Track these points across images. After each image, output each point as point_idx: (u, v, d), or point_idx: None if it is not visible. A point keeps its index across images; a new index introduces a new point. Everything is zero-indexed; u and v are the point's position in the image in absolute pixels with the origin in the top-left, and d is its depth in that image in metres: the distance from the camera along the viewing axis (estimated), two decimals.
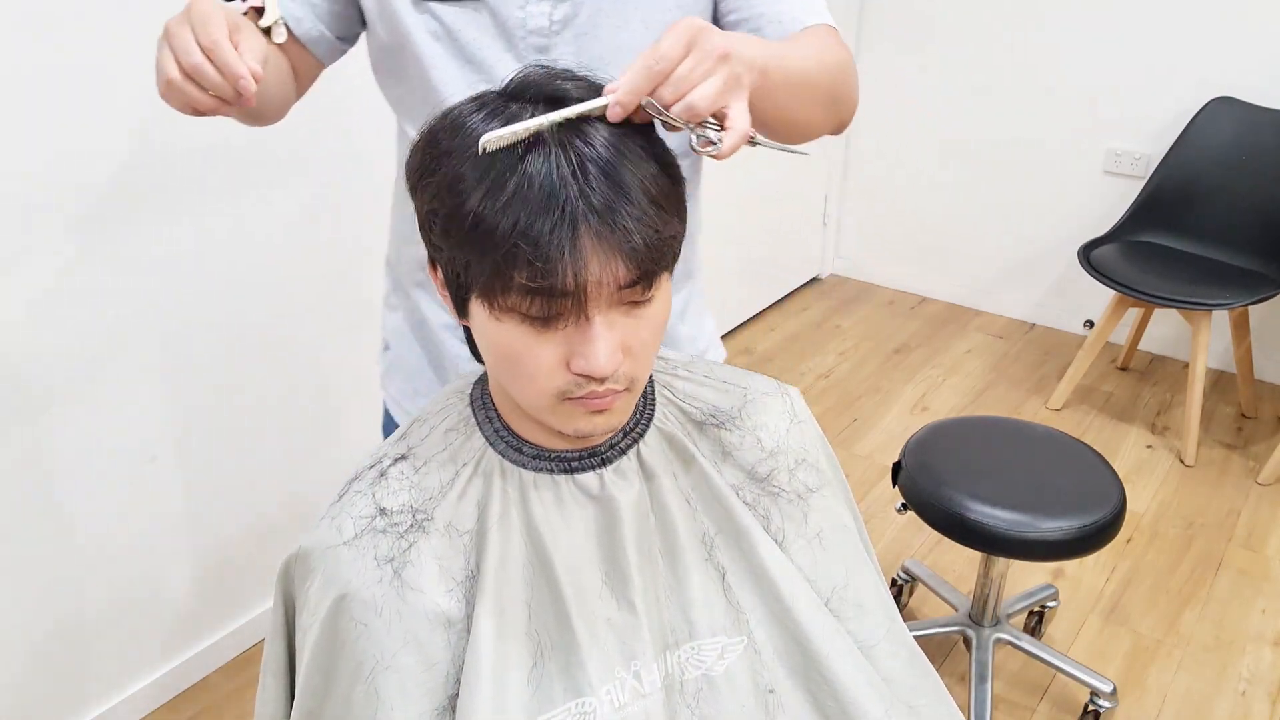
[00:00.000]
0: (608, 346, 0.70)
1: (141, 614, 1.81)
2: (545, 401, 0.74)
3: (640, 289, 0.70)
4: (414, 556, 0.79)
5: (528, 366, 0.72)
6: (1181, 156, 2.84)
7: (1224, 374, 3.10)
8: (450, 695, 0.77)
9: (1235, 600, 2.19)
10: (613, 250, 0.67)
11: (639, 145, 0.70)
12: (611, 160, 0.67)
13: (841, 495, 0.94)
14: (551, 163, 0.66)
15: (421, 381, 1.15)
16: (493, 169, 0.67)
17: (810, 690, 0.83)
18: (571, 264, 0.65)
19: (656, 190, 0.69)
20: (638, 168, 0.68)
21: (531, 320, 0.69)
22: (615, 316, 0.71)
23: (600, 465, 0.83)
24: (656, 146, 0.72)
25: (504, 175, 0.66)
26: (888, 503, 2.49)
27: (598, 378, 0.71)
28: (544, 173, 0.66)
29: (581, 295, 0.67)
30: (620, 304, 0.71)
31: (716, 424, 0.88)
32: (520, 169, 0.66)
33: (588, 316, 0.69)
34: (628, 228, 0.66)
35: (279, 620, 0.87)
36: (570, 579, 0.79)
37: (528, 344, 0.71)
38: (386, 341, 1.19)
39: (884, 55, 3.41)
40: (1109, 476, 1.76)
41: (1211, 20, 2.84)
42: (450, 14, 0.94)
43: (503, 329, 0.71)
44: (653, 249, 0.68)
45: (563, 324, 0.69)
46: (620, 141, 0.69)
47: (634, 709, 0.78)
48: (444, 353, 1.10)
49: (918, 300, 3.61)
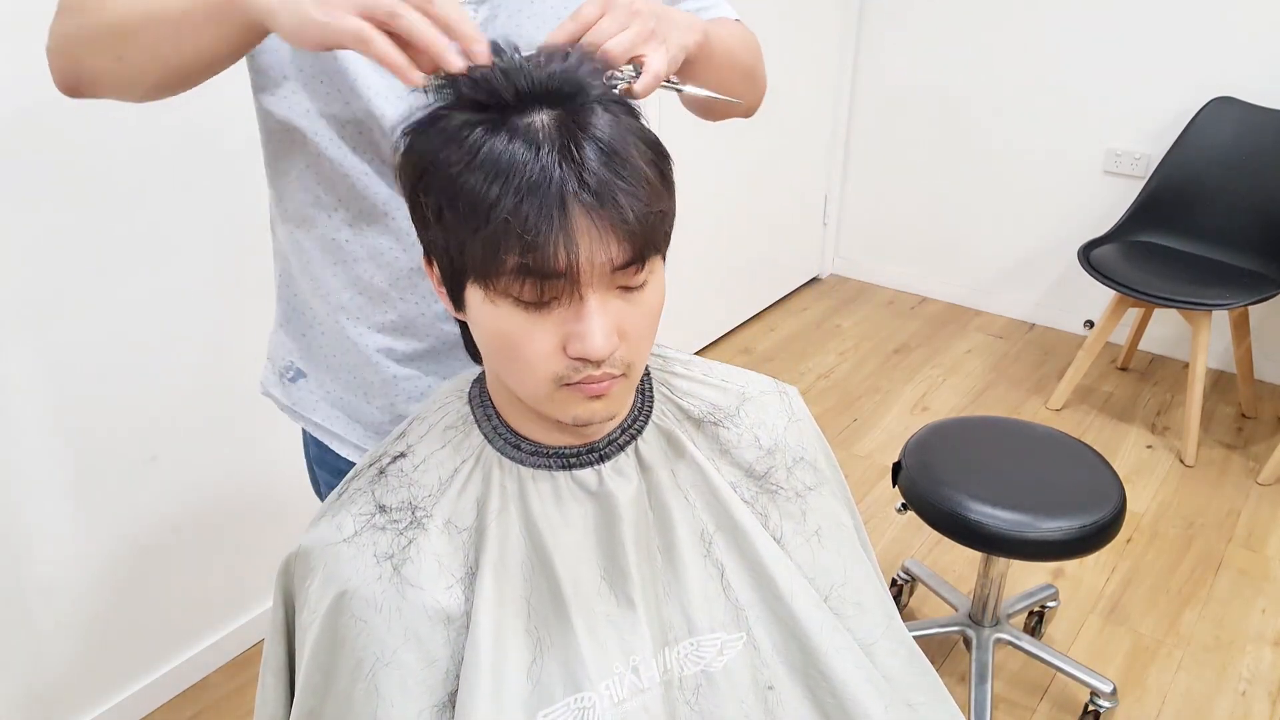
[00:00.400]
0: (603, 327, 0.70)
1: (141, 613, 1.81)
2: (543, 389, 0.74)
3: (633, 270, 0.70)
4: (413, 553, 0.79)
5: (524, 352, 0.72)
6: (1181, 156, 2.84)
7: (1224, 374, 3.10)
8: (450, 691, 0.78)
9: (1235, 600, 2.19)
10: (605, 227, 0.67)
11: (627, 122, 0.70)
12: (601, 137, 0.68)
13: (840, 494, 0.94)
14: (542, 140, 0.66)
15: (354, 406, 1.06)
16: (484, 150, 0.67)
17: (809, 686, 0.83)
18: (563, 241, 0.66)
19: (646, 166, 0.69)
20: (627, 144, 0.69)
21: (525, 304, 0.70)
22: (609, 299, 0.71)
23: (599, 461, 0.83)
24: (638, 122, 0.73)
25: (496, 155, 0.66)
26: (888, 503, 2.49)
27: (594, 360, 0.71)
28: (535, 151, 0.66)
29: (574, 273, 0.67)
30: (614, 287, 0.71)
31: (714, 422, 0.89)
32: (510, 148, 0.66)
33: (581, 296, 0.69)
34: (619, 203, 0.67)
35: (279, 619, 0.87)
36: (569, 575, 0.79)
37: (524, 329, 0.71)
38: (295, 367, 1.07)
39: (884, 55, 3.41)
40: (1109, 476, 1.76)
41: (1211, 20, 2.84)
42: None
43: (498, 313, 0.71)
44: (644, 225, 0.68)
45: (557, 305, 0.70)
46: (610, 118, 0.69)
47: (633, 704, 0.78)
48: (377, 375, 1.03)
49: (918, 300, 3.61)
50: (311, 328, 1.04)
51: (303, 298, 1.04)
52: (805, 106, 3.32)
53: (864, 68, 3.46)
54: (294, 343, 1.07)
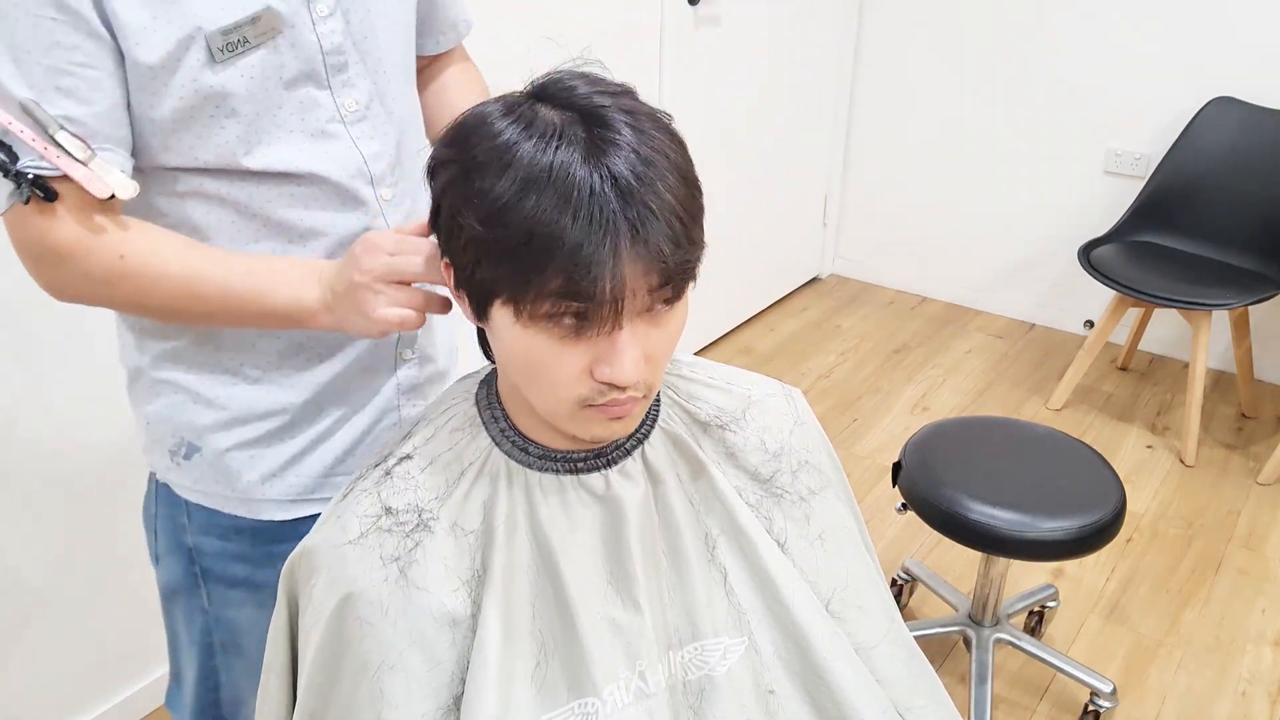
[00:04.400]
0: (634, 356, 0.71)
1: (141, 613, 1.81)
2: (566, 409, 0.75)
3: (668, 299, 0.72)
4: (419, 556, 0.79)
5: (551, 374, 0.73)
6: (1181, 156, 2.84)
7: (1224, 374, 3.10)
8: (455, 695, 0.78)
9: (1235, 600, 2.19)
10: (648, 264, 0.68)
11: (667, 159, 0.71)
12: (645, 175, 0.68)
13: (843, 496, 0.94)
14: (590, 175, 0.66)
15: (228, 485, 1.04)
16: (528, 179, 0.67)
17: (809, 691, 0.83)
18: (610, 277, 0.66)
19: (684, 204, 0.70)
20: (667, 183, 0.69)
21: (562, 328, 0.70)
22: (641, 326, 0.72)
23: (606, 466, 0.83)
24: (682, 158, 0.73)
25: (541, 186, 0.67)
26: (888, 503, 2.49)
27: (621, 386, 0.72)
28: (582, 185, 0.66)
29: (617, 306, 0.68)
30: (647, 311, 0.72)
31: (720, 425, 0.89)
32: (552, 179, 0.67)
33: (620, 326, 0.70)
34: (660, 245, 0.68)
35: (282, 619, 0.87)
36: (575, 579, 0.79)
37: (553, 351, 0.71)
38: (187, 443, 1.02)
39: (884, 55, 3.41)
40: (1109, 476, 1.76)
41: (1211, 20, 2.85)
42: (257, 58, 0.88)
43: (528, 335, 0.71)
44: (683, 263, 0.70)
45: (593, 333, 0.70)
46: (652, 155, 0.69)
47: (637, 709, 0.78)
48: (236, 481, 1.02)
49: (918, 300, 3.61)
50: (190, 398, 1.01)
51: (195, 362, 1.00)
52: (805, 106, 3.32)
53: (864, 67, 3.46)
54: (176, 411, 1.01)
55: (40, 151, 0.80)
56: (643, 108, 0.73)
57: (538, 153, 0.67)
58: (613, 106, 0.70)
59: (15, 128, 0.79)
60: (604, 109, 0.70)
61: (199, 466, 1.02)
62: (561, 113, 0.70)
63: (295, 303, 0.89)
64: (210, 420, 1.00)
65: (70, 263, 0.85)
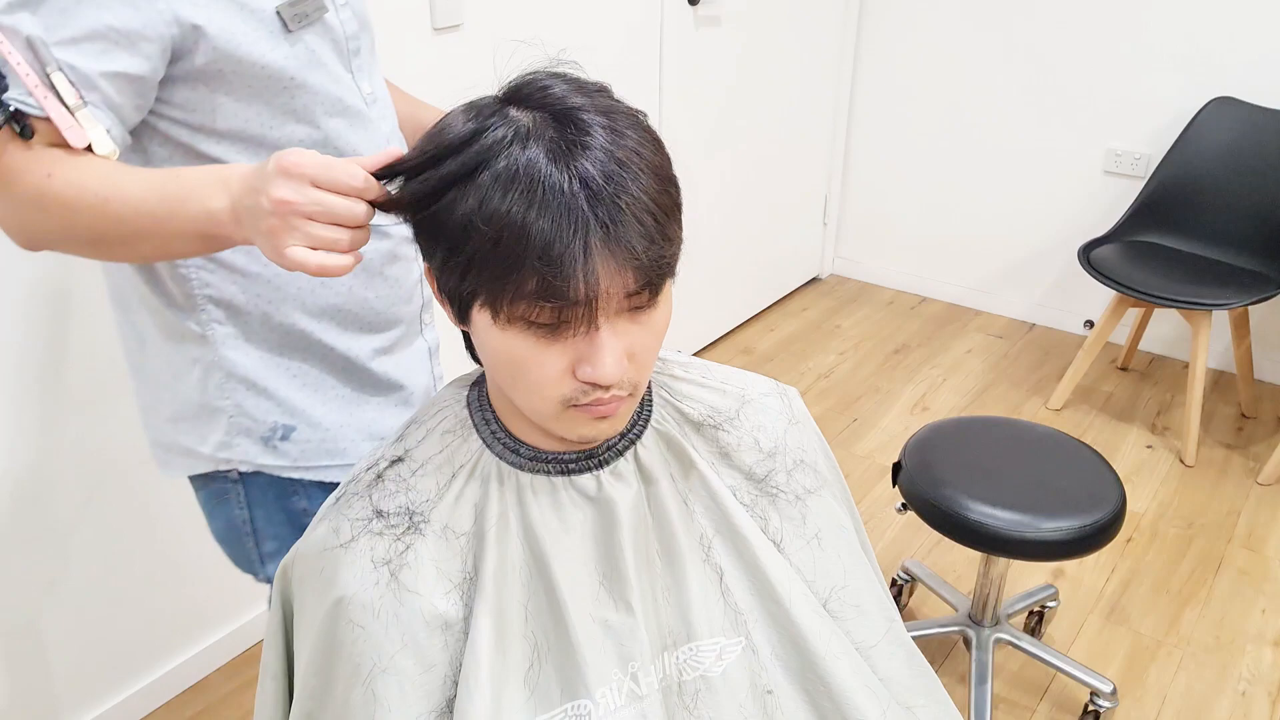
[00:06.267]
0: (614, 354, 0.71)
1: (141, 613, 1.81)
2: (550, 409, 0.75)
3: (646, 296, 0.71)
4: (411, 559, 0.79)
5: (533, 374, 0.72)
6: (1181, 156, 2.84)
7: (1224, 374, 3.10)
8: (448, 697, 0.78)
9: (1235, 600, 2.19)
10: (622, 262, 0.68)
11: (640, 156, 0.70)
12: (615, 173, 0.68)
13: (840, 496, 0.94)
14: (559, 175, 0.66)
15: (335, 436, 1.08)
16: (497, 181, 0.67)
17: (807, 691, 0.83)
18: (583, 275, 0.66)
19: (657, 200, 0.70)
20: (640, 180, 0.69)
21: (539, 328, 0.70)
22: (621, 324, 0.72)
23: (598, 467, 0.83)
24: (657, 155, 0.73)
25: (510, 188, 0.67)
26: (888, 503, 2.49)
27: (604, 385, 0.72)
28: (551, 185, 0.66)
29: (592, 305, 0.68)
30: (626, 310, 0.72)
31: (714, 425, 0.88)
32: (522, 180, 0.66)
33: (596, 325, 0.70)
34: (632, 243, 0.67)
35: (276, 622, 0.87)
36: (567, 581, 0.79)
37: (534, 352, 0.71)
38: (281, 425, 1.05)
39: (884, 55, 3.41)
40: (1109, 476, 1.76)
41: (1211, 20, 2.84)
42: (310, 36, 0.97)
43: (507, 337, 0.71)
44: (657, 260, 0.69)
45: (570, 332, 0.70)
46: (624, 153, 0.69)
47: (630, 711, 0.78)
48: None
49: (918, 300, 3.61)
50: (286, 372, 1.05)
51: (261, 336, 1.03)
52: (805, 106, 3.32)
53: (864, 67, 3.46)
54: (262, 399, 1.04)
55: (30, 88, 0.81)
56: (618, 106, 0.73)
57: (508, 156, 0.68)
58: (586, 105, 0.70)
59: (14, 59, 0.80)
60: (576, 109, 0.70)
61: (299, 444, 1.05)
62: (532, 114, 0.70)
63: (205, 214, 0.80)
64: (299, 398, 1.04)
65: (6, 188, 0.84)
